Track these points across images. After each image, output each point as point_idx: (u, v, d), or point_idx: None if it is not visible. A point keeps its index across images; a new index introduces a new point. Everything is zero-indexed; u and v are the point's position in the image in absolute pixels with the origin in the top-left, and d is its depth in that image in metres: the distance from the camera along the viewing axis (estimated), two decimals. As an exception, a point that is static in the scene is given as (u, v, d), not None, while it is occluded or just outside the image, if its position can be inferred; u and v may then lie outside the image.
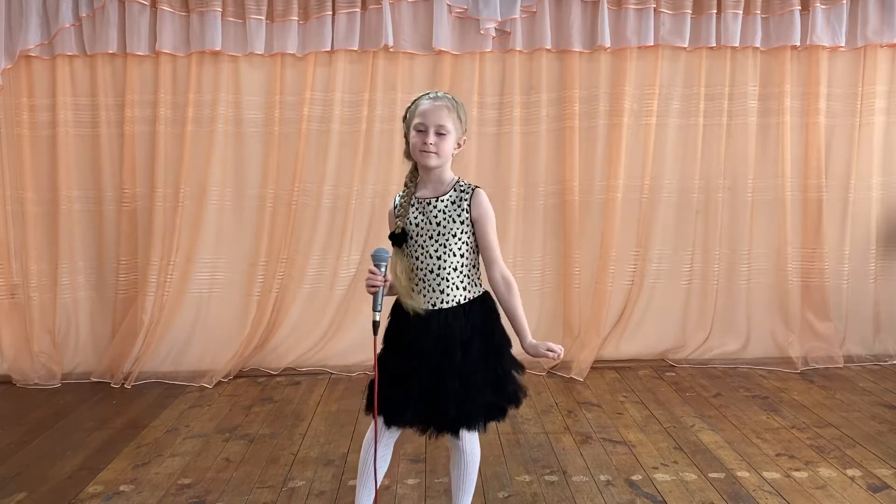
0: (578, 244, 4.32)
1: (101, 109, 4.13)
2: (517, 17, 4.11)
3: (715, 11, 4.17)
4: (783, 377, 4.07)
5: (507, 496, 2.64)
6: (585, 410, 3.56)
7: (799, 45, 4.20)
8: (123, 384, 4.01)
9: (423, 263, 2.06)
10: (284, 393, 3.89)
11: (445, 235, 2.05)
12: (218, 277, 4.26)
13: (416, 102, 2.10)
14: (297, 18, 4.09)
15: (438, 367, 2.03)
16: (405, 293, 2.08)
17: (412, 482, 2.76)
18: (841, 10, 4.18)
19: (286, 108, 4.19)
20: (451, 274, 2.06)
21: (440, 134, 2.02)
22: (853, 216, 4.40)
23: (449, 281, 2.06)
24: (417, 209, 2.08)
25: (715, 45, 4.21)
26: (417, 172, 2.13)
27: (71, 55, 4.07)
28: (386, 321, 2.14)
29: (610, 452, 3.03)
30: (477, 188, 2.09)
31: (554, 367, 4.19)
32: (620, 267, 4.37)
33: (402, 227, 2.07)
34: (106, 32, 4.03)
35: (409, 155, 2.13)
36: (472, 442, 2.15)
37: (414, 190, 2.11)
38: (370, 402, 2.10)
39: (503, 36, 4.17)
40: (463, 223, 2.05)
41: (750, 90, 4.29)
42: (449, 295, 2.06)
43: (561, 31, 4.18)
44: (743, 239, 4.39)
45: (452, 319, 2.05)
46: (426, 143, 2.01)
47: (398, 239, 2.07)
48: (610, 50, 4.21)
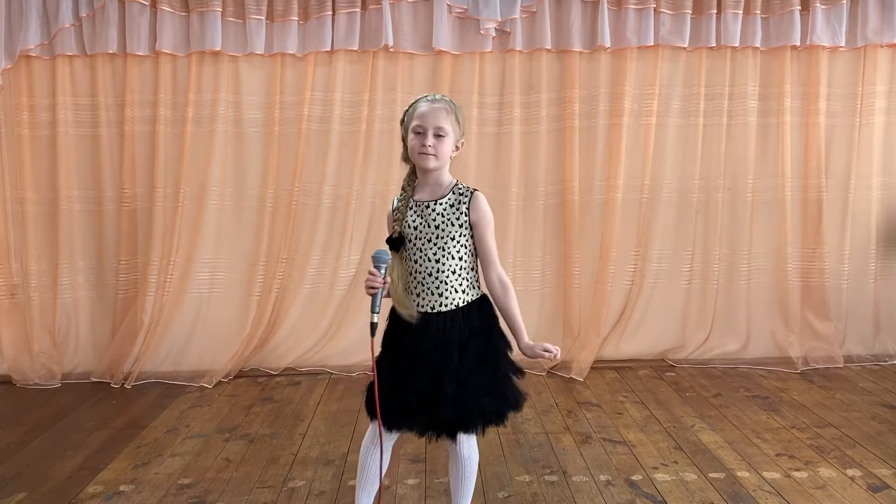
0: (578, 244, 4.32)
1: (101, 109, 4.14)
2: (517, 17, 4.11)
3: (715, 11, 4.18)
4: (783, 377, 4.07)
5: (507, 496, 2.64)
6: (585, 410, 3.56)
7: (799, 45, 4.20)
8: (123, 384, 4.01)
9: (421, 266, 2.05)
10: (284, 393, 3.89)
11: (444, 239, 2.04)
12: (218, 277, 4.26)
13: (413, 105, 2.09)
14: (297, 18, 4.09)
15: (437, 369, 2.03)
16: (399, 300, 2.07)
17: (412, 482, 2.76)
18: (841, 10, 4.18)
19: (286, 108, 4.19)
20: (449, 277, 2.05)
21: (438, 136, 2.02)
22: (853, 216, 4.40)
23: (447, 284, 2.05)
24: (416, 212, 2.07)
25: (715, 45, 4.21)
26: (415, 176, 2.13)
27: (71, 55, 4.07)
28: (385, 324, 2.14)
29: (610, 452, 3.03)
30: (475, 191, 2.08)
31: (554, 367, 4.19)
32: (620, 267, 4.37)
33: (399, 231, 2.07)
34: (106, 32, 4.03)
35: (407, 158, 2.13)
36: (469, 446, 2.15)
37: (411, 193, 2.10)
38: (370, 405, 2.09)
39: (503, 36, 4.17)
40: (461, 226, 2.05)
41: (750, 90, 4.29)
42: (447, 298, 2.06)
43: (561, 31, 4.18)
44: (743, 239, 4.40)
45: (450, 322, 2.05)
46: (425, 145, 2.01)
47: (395, 244, 2.07)
48: (610, 50, 4.21)
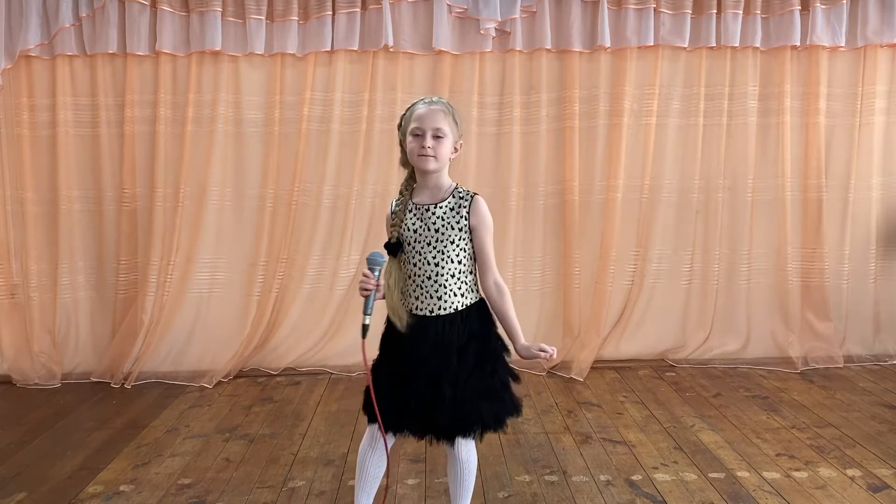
0: (578, 244, 4.32)
1: (101, 109, 4.14)
2: (517, 17, 4.11)
3: (715, 11, 4.18)
4: (783, 377, 4.07)
5: (507, 496, 2.64)
6: (585, 410, 3.56)
7: (799, 45, 4.20)
8: (123, 384, 4.01)
9: (420, 270, 2.05)
10: (284, 393, 3.89)
11: (444, 242, 2.04)
12: (218, 277, 4.26)
13: (410, 109, 2.09)
14: (297, 18, 4.09)
15: (435, 373, 2.02)
16: (393, 309, 2.06)
17: (412, 482, 2.76)
18: (841, 10, 4.18)
19: (286, 108, 4.19)
20: (448, 280, 2.05)
21: (437, 137, 2.01)
22: (853, 216, 4.40)
23: (446, 287, 2.05)
24: (416, 215, 2.06)
25: (715, 45, 4.21)
26: (413, 179, 2.12)
27: (71, 55, 4.07)
28: (382, 327, 2.14)
29: (610, 452, 3.03)
30: (476, 195, 2.08)
31: (554, 367, 4.19)
32: (620, 267, 4.37)
33: (396, 237, 2.06)
34: (106, 32, 4.03)
35: (405, 163, 2.12)
36: (468, 449, 2.14)
37: (409, 197, 2.09)
38: (368, 409, 2.09)
39: (503, 36, 4.17)
40: (461, 230, 2.04)
41: (750, 90, 4.29)
42: (446, 301, 2.05)
43: (561, 31, 4.18)
44: (743, 239, 4.40)
45: (449, 326, 2.05)
46: (424, 146, 2.00)
47: (393, 249, 2.06)
48: (610, 50, 4.21)
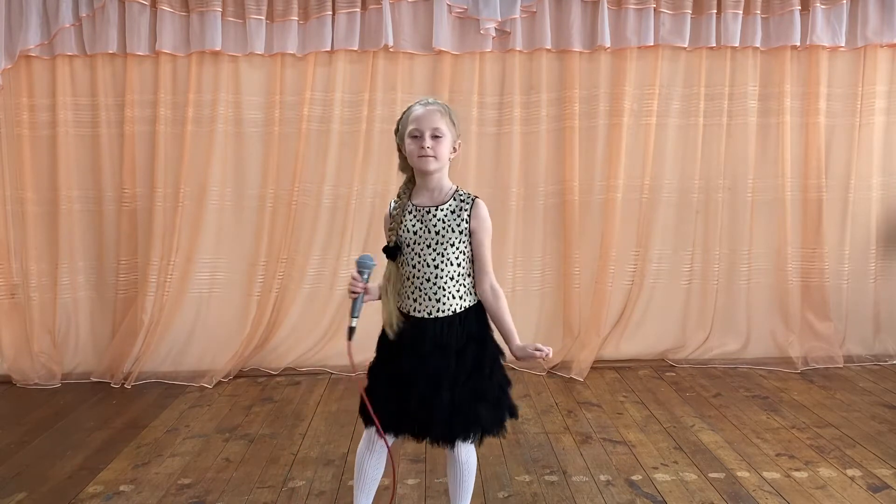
0: (578, 244, 4.32)
1: (101, 109, 4.13)
2: (517, 17, 4.11)
3: (715, 11, 4.18)
4: (783, 377, 4.07)
5: (507, 496, 2.64)
6: (585, 410, 3.56)
7: (799, 45, 4.20)
8: (123, 384, 4.01)
9: (419, 272, 2.04)
10: (284, 393, 3.89)
11: (443, 244, 2.03)
12: (218, 277, 4.26)
13: (406, 112, 2.09)
14: (297, 18, 4.09)
15: (435, 375, 2.02)
16: (387, 316, 2.07)
17: (412, 482, 2.76)
18: (841, 10, 4.18)
19: (286, 108, 4.19)
20: (447, 283, 2.05)
21: (436, 137, 2.01)
22: (853, 216, 4.40)
23: (445, 290, 2.05)
24: (416, 217, 2.06)
25: (715, 45, 4.21)
26: (412, 182, 2.12)
27: (71, 55, 4.07)
28: (379, 328, 2.14)
29: (610, 452, 3.03)
30: (477, 198, 2.08)
31: (554, 367, 4.19)
32: (620, 267, 4.37)
33: (395, 241, 2.06)
34: (106, 32, 4.03)
35: (404, 168, 2.12)
36: (467, 451, 2.14)
37: (408, 199, 2.09)
38: (364, 412, 2.10)
39: (503, 36, 4.17)
40: (462, 233, 2.04)
41: (750, 90, 4.29)
42: (445, 304, 2.05)
43: (561, 31, 4.18)
44: (743, 239, 4.39)
45: (448, 328, 2.05)
46: (423, 147, 2.00)
47: (391, 253, 2.06)
48: (610, 50, 4.20)
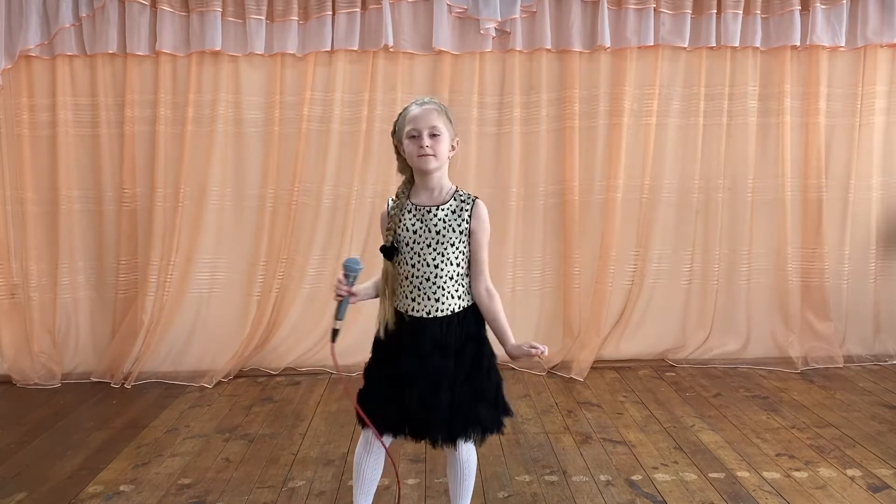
0: (578, 244, 4.32)
1: (101, 109, 4.13)
2: (517, 17, 4.11)
3: (715, 11, 4.18)
4: (783, 377, 4.07)
5: (507, 496, 2.64)
6: (585, 410, 3.56)
7: (799, 45, 4.20)
8: (123, 384, 4.01)
9: (419, 271, 2.04)
10: (284, 393, 3.89)
11: (444, 244, 2.03)
12: (218, 277, 4.26)
13: (403, 113, 2.09)
14: (297, 18, 4.09)
15: (434, 374, 2.03)
16: (383, 314, 2.07)
17: (412, 482, 2.76)
18: (841, 10, 4.18)
19: (286, 108, 4.19)
20: (447, 283, 2.05)
21: (434, 135, 2.01)
22: (853, 216, 4.40)
23: (445, 289, 2.05)
24: (415, 216, 2.06)
25: (715, 45, 4.21)
26: (411, 182, 2.11)
27: (71, 55, 4.07)
28: (374, 328, 2.14)
29: (610, 452, 3.03)
30: (477, 199, 2.08)
31: (554, 367, 4.19)
32: (620, 267, 4.37)
33: (392, 240, 2.06)
34: (106, 32, 4.03)
35: (403, 170, 2.12)
36: (468, 450, 2.15)
37: (407, 198, 2.09)
38: (359, 412, 2.12)
39: (503, 36, 4.17)
40: (462, 233, 2.04)
41: (750, 90, 4.29)
42: (444, 303, 2.05)
43: (561, 31, 4.18)
44: (743, 239, 4.39)
45: (447, 328, 2.05)
46: (422, 146, 2.00)
47: (389, 253, 2.06)
48: (610, 50, 4.21)
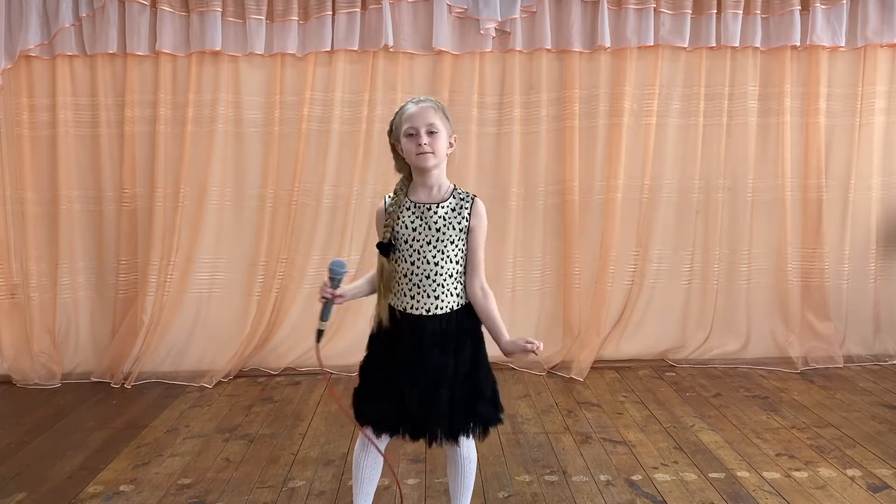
0: (578, 244, 4.31)
1: (101, 109, 4.13)
2: (517, 17, 4.11)
3: (715, 11, 4.18)
4: (783, 377, 4.07)
5: (507, 496, 2.65)
6: (585, 410, 3.56)
7: (799, 45, 4.20)
8: (123, 384, 4.01)
9: (418, 269, 2.04)
10: (284, 393, 3.89)
11: (444, 242, 2.04)
12: (218, 277, 4.26)
13: (399, 112, 2.09)
14: (297, 18, 4.09)
15: (435, 373, 2.03)
16: (380, 310, 2.08)
17: (412, 482, 2.76)
18: (841, 10, 4.18)
19: (286, 108, 4.19)
20: (446, 280, 2.05)
21: (431, 132, 2.01)
22: (853, 216, 4.40)
23: (444, 287, 2.05)
24: (414, 214, 2.06)
25: (715, 45, 4.21)
26: (409, 180, 2.11)
27: (71, 55, 4.07)
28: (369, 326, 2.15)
29: (610, 452, 3.03)
30: (476, 197, 2.09)
31: (554, 367, 4.19)
32: (620, 267, 4.37)
33: (389, 237, 2.05)
34: (106, 32, 4.03)
35: (401, 169, 2.12)
36: (468, 446, 2.16)
37: (405, 195, 2.09)
38: (358, 414, 2.12)
39: (503, 36, 4.17)
40: (461, 231, 2.05)
41: (750, 90, 4.29)
42: (443, 301, 2.06)
43: (561, 31, 4.18)
44: (743, 239, 4.39)
45: (446, 325, 2.05)
46: (420, 144, 2.00)
47: (385, 249, 2.05)
48: (610, 50, 4.20)
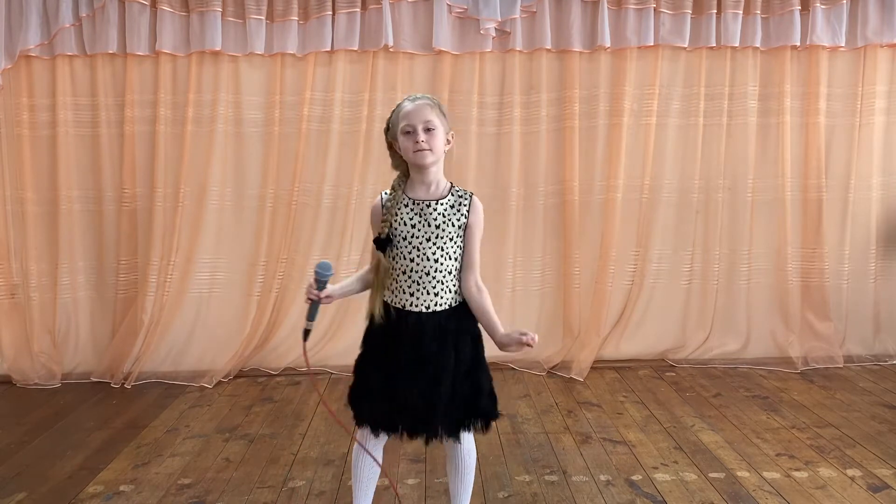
0: (578, 244, 4.31)
1: (101, 109, 4.13)
2: (517, 17, 4.11)
3: (715, 11, 4.17)
4: (783, 377, 4.07)
5: (507, 496, 2.64)
6: (585, 410, 3.56)
7: (799, 45, 4.20)
8: (123, 384, 4.01)
9: (418, 266, 2.05)
10: (284, 393, 3.89)
11: (443, 239, 2.04)
12: (218, 277, 4.26)
13: (396, 110, 2.09)
14: (297, 18, 4.09)
15: (436, 370, 2.03)
16: (373, 306, 2.09)
17: (412, 482, 2.76)
18: (841, 10, 4.18)
19: (286, 108, 4.19)
20: (446, 277, 2.06)
21: (429, 129, 2.01)
22: (853, 216, 4.40)
23: (443, 284, 2.06)
24: (413, 211, 2.06)
25: (715, 45, 4.21)
26: (406, 176, 2.12)
27: (71, 55, 4.06)
28: (367, 323, 2.15)
29: (610, 452, 3.03)
30: (473, 195, 2.10)
31: (554, 367, 4.19)
32: (620, 267, 4.37)
33: (387, 232, 2.05)
34: (106, 32, 4.03)
35: (397, 165, 2.12)
36: (469, 440, 2.17)
37: (402, 192, 2.09)
38: (356, 413, 2.14)
39: (503, 36, 4.17)
40: (460, 228, 2.06)
41: (750, 90, 4.29)
42: (442, 297, 2.06)
43: (561, 31, 4.18)
44: (743, 239, 4.39)
45: (445, 322, 2.06)
46: (418, 141, 2.00)
47: (383, 245, 2.05)
48: (610, 50, 4.20)
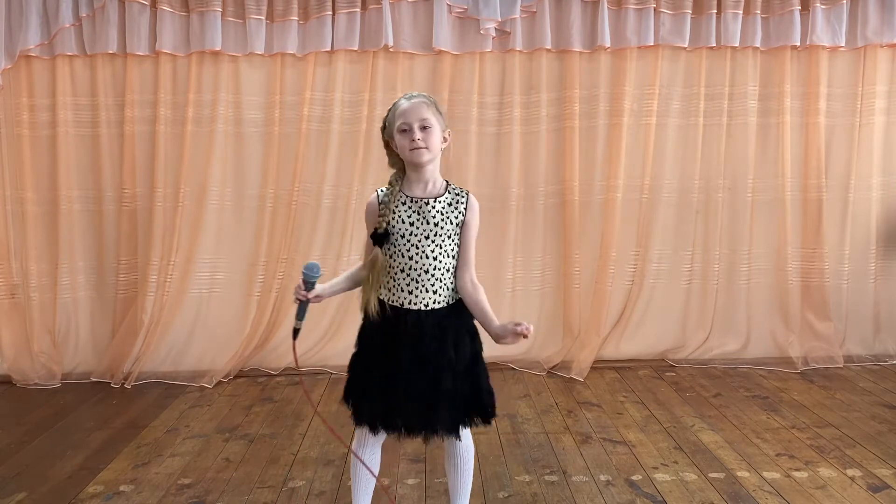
0: (578, 244, 4.32)
1: (101, 109, 4.13)
2: (517, 17, 4.11)
3: (715, 11, 4.17)
4: (783, 377, 4.07)
5: (507, 496, 2.65)
6: (585, 410, 3.56)
7: (799, 45, 4.20)
8: (123, 384, 4.01)
9: (417, 263, 2.05)
10: (284, 393, 3.89)
11: (441, 236, 2.05)
12: (218, 277, 4.26)
13: (392, 108, 2.09)
14: (297, 18, 4.09)
15: (436, 368, 2.03)
16: (366, 302, 2.10)
17: (412, 482, 2.76)
18: (841, 10, 4.18)
19: (286, 108, 4.19)
20: (444, 275, 2.06)
21: (425, 128, 2.01)
22: (853, 216, 4.40)
23: (442, 281, 2.06)
24: (411, 208, 2.06)
25: (715, 45, 4.21)
26: (403, 173, 2.12)
27: (71, 55, 4.07)
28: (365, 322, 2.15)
29: (610, 452, 3.03)
30: (469, 193, 2.11)
31: (554, 367, 4.19)
32: (620, 267, 4.37)
33: (385, 227, 2.05)
34: (106, 32, 4.03)
35: (394, 164, 2.12)
36: (467, 436, 2.18)
37: (400, 189, 2.08)
38: (355, 412, 2.15)
39: (503, 36, 4.17)
40: (458, 225, 2.06)
41: (750, 90, 4.29)
42: (441, 295, 2.06)
43: (561, 31, 4.18)
44: (743, 239, 4.40)
45: (444, 319, 2.06)
46: (414, 140, 2.00)
47: (380, 239, 2.05)
48: (610, 50, 4.20)
